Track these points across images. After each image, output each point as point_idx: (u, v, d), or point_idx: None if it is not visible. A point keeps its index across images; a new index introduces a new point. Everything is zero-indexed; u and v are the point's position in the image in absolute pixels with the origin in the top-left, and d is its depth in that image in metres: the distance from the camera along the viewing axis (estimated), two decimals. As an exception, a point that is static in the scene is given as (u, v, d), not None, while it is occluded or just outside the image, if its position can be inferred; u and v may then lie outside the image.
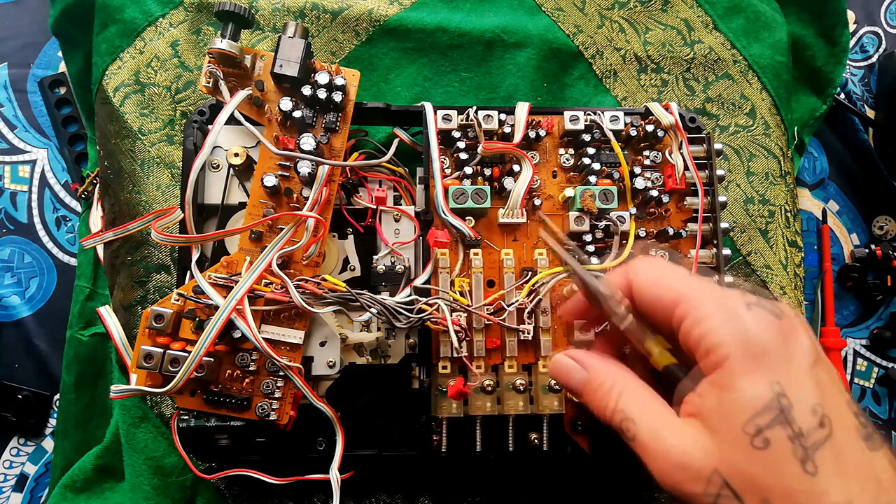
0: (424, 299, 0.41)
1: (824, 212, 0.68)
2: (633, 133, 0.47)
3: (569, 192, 0.46)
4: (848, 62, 0.67)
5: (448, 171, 0.47)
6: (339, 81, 0.43)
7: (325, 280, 0.42)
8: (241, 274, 0.41)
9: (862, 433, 0.26)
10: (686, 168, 0.47)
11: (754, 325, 0.27)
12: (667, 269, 0.32)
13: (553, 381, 0.44)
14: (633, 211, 0.47)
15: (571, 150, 0.48)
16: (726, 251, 0.47)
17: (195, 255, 0.43)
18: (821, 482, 0.24)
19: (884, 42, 0.70)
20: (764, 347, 0.26)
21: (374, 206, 0.47)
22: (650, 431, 0.28)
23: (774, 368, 0.26)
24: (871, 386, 0.66)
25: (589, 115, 0.47)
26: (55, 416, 0.60)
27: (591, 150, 0.47)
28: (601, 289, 0.33)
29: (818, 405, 0.25)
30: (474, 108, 0.46)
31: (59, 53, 0.65)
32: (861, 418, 0.26)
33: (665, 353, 0.31)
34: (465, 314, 0.43)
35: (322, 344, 0.45)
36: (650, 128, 0.47)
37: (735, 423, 0.26)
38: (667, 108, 0.47)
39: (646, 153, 0.48)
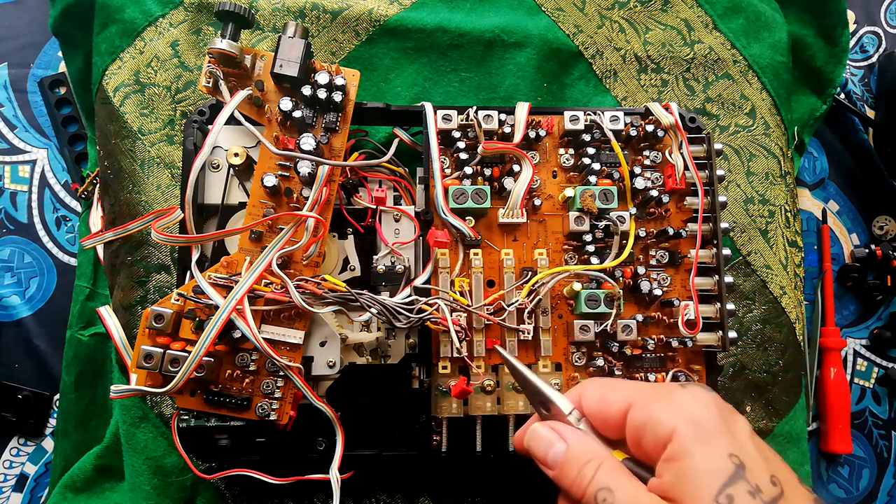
0: (424, 299, 0.41)
1: (824, 212, 0.68)
2: (633, 133, 0.47)
3: (569, 192, 0.46)
4: (848, 62, 0.67)
5: (448, 171, 0.47)
6: (339, 81, 0.43)
7: (325, 280, 0.42)
8: (241, 274, 0.41)
9: (809, 495, 0.29)
10: (686, 168, 0.47)
11: (692, 400, 0.30)
12: (612, 384, 0.35)
13: (553, 381, 0.44)
14: (633, 211, 0.47)
15: (571, 150, 0.48)
16: (726, 251, 0.47)
17: (195, 255, 0.43)
18: None
19: (884, 42, 0.70)
20: (706, 418, 0.29)
21: (374, 207, 0.47)
22: (627, 499, 0.29)
23: (721, 436, 0.29)
24: (871, 386, 0.66)
25: (589, 115, 0.47)
26: (55, 416, 0.60)
27: (591, 150, 0.47)
28: (559, 402, 0.34)
29: (766, 467, 0.28)
30: (474, 108, 0.46)
31: (59, 53, 0.65)
32: (802, 482, 0.29)
33: (621, 454, 0.32)
34: (465, 314, 0.43)
35: (322, 344, 0.45)
36: (650, 128, 0.47)
37: (697, 489, 0.27)
38: (667, 108, 0.47)
39: (646, 153, 0.48)
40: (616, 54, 0.59)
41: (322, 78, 0.43)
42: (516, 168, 0.46)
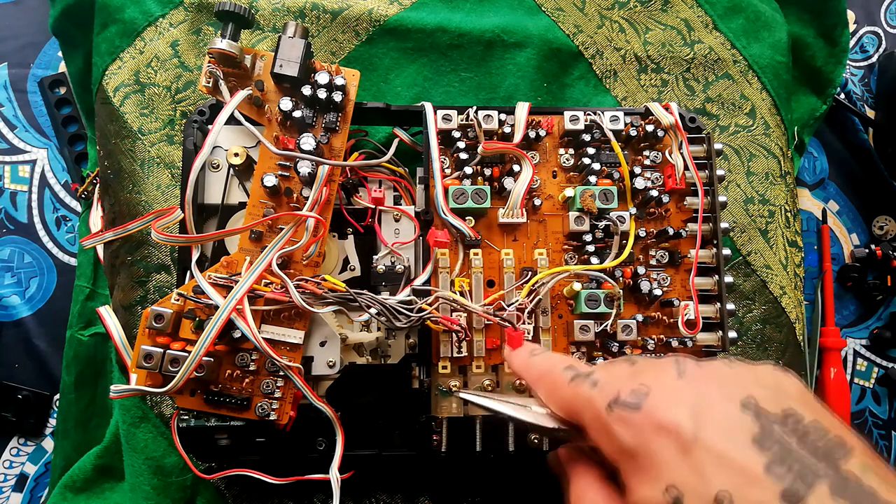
0: (424, 299, 0.41)
1: (824, 212, 0.68)
2: (633, 133, 0.47)
3: (569, 192, 0.46)
4: (848, 62, 0.67)
5: (448, 171, 0.47)
6: (339, 81, 0.43)
7: (325, 280, 0.42)
8: (241, 274, 0.41)
9: None
10: (686, 168, 0.47)
11: (617, 430, 0.26)
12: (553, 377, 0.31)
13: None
14: (633, 211, 0.47)
15: (571, 150, 0.48)
16: (726, 251, 0.47)
17: (195, 255, 0.43)
18: None
19: (884, 42, 0.70)
20: (632, 451, 0.25)
21: (373, 207, 0.47)
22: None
23: (652, 469, 0.25)
24: (871, 386, 0.66)
25: (589, 115, 0.47)
26: (55, 416, 0.60)
27: (591, 150, 0.47)
28: (546, 424, 0.32)
29: (707, 491, 0.23)
30: (474, 108, 0.46)
31: (59, 53, 0.65)
32: None
33: None
34: (465, 314, 0.43)
35: (322, 344, 0.45)
36: (650, 128, 0.47)
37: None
38: (667, 108, 0.47)
39: (646, 153, 0.48)
40: (616, 54, 0.59)
41: (322, 78, 0.43)
42: (516, 168, 0.46)
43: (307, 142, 0.43)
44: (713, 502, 0.22)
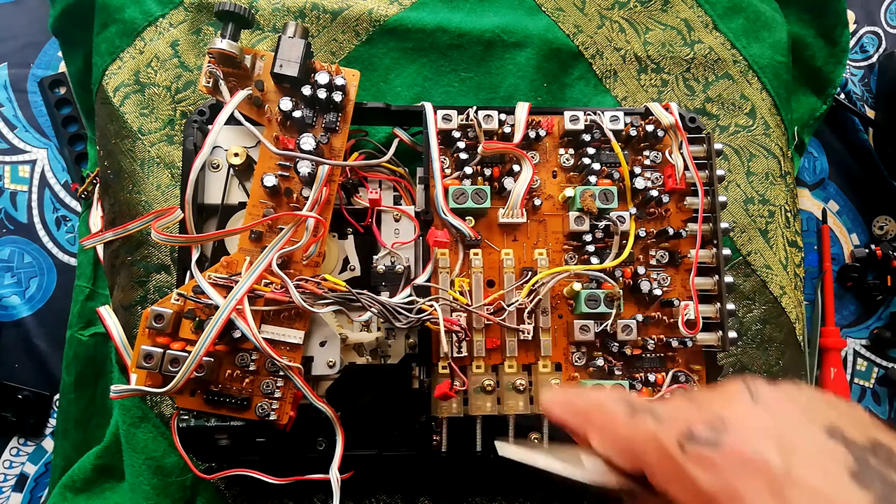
0: (424, 299, 0.41)
1: (824, 212, 0.68)
2: (633, 133, 0.47)
3: (569, 192, 0.46)
4: (848, 62, 0.67)
5: (448, 171, 0.47)
6: (339, 81, 0.43)
7: (325, 280, 0.42)
8: (241, 274, 0.41)
9: None
10: (686, 168, 0.47)
11: (694, 472, 0.23)
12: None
13: (553, 381, 0.44)
14: (633, 211, 0.47)
15: (571, 150, 0.48)
16: (726, 251, 0.47)
17: (195, 255, 0.43)
18: None
19: (884, 42, 0.70)
20: (713, 495, 0.22)
21: (371, 208, 0.47)
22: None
23: None
24: (871, 386, 0.66)
25: (589, 115, 0.47)
26: (55, 416, 0.60)
27: (591, 150, 0.47)
28: (603, 480, 0.28)
29: None
30: (474, 108, 0.46)
31: (59, 53, 0.65)
32: None
33: None
34: (465, 314, 0.43)
35: (322, 344, 0.45)
36: (650, 128, 0.47)
37: None
38: (667, 108, 0.47)
39: (646, 153, 0.48)
40: (616, 54, 0.59)
41: (322, 78, 0.43)
42: (516, 168, 0.46)
43: (307, 142, 0.43)
44: None
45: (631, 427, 0.25)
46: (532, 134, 0.46)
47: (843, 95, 0.68)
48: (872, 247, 0.66)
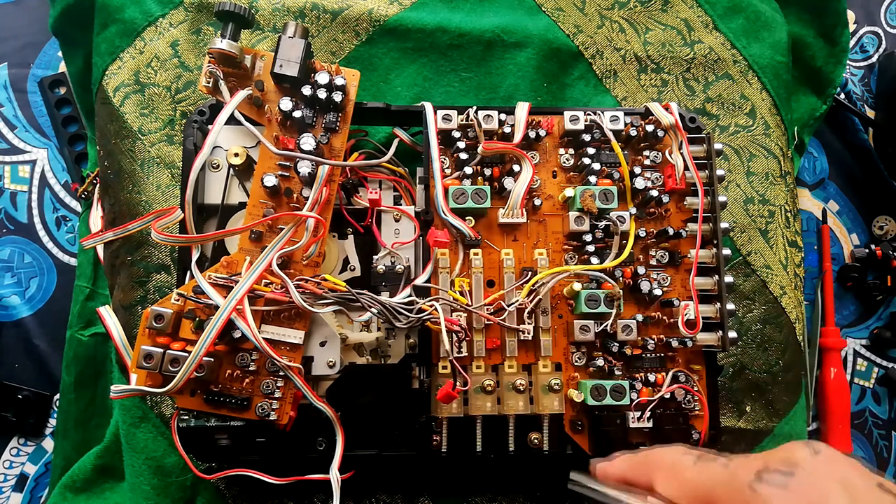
0: (424, 299, 0.41)
1: (824, 212, 0.68)
2: (633, 133, 0.47)
3: (569, 192, 0.46)
4: (848, 62, 0.67)
5: (448, 171, 0.47)
6: (339, 81, 0.43)
7: (325, 280, 0.42)
8: (241, 274, 0.41)
9: None
10: (686, 168, 0.47)
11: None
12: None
13: (553, 381, 0.44)
14: (633, 211, 0.47)
15: (571, 150, 0.48)
16: (726, 251, 0.47)
17: (195, 255, 0.43)
18: None
19: (884, 42, 0.70)
20: None
21: (371, 208, 0.47)
22: None
23: None
24: (871, 386, 0.66)
25: (589, 115, 0.47)
26: (55, 416, 0.60)
27: (591, 150, 0.47)
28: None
29: None
30: (474, 108, 0.46)
31: (59, 53, 0.64)
32: None
33: None
34: (465, 314, 0.43)
35: (322, 344, 0.45)
36: (650, 128, 0.47)
37: None
38: (667, 108, 0.47)
39: (646, 153, 0.48)
40: (616, 54, 0.59)
41: (322, 78, 0.43)
42: (516, 168, 0.46)
43: (307, 142, 0.43)
44: None
45: (699, 471, 0.27)
46: (532, 134, 0.46)
47: (843, 95, 0.68)
48: (872, 247, 0.66)
